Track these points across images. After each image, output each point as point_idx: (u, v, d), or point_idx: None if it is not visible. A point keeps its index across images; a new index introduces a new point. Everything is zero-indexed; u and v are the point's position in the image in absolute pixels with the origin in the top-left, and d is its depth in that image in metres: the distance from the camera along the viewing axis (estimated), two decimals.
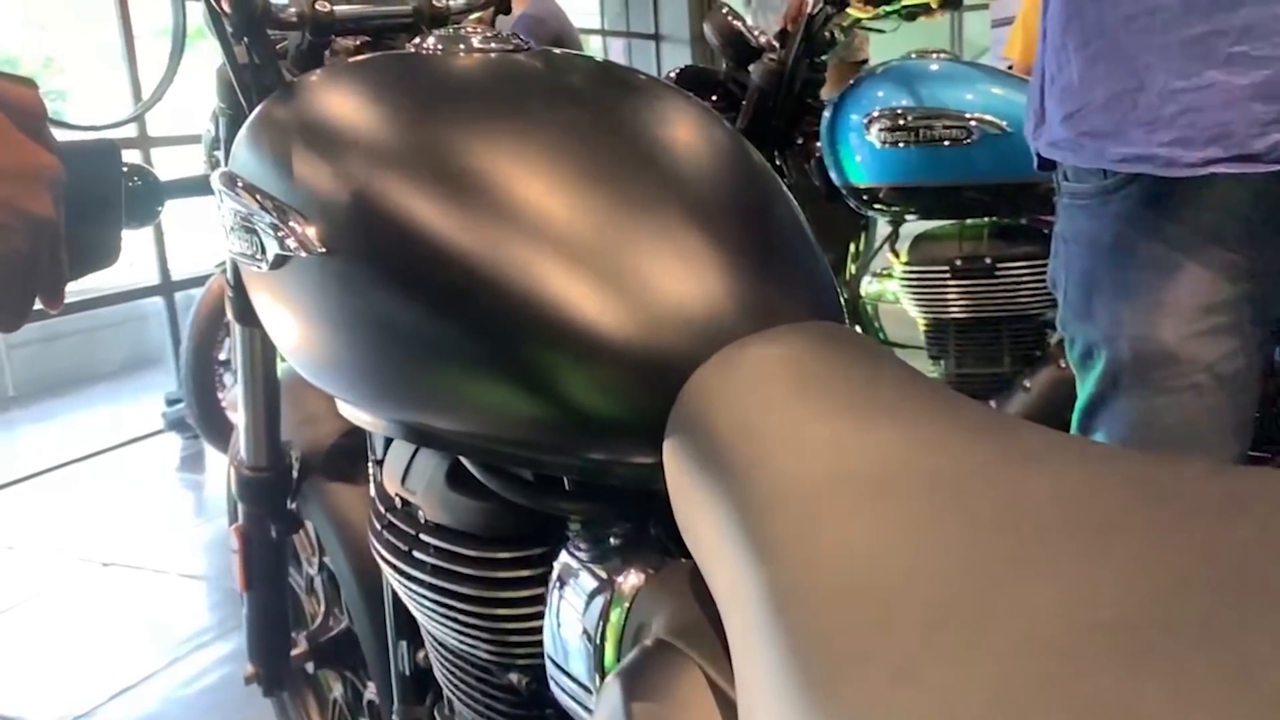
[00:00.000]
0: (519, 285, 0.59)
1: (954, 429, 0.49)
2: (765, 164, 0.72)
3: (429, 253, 0.61)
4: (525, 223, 0.61)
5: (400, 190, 0.63)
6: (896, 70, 1.73)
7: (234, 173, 0.75)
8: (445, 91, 0.71)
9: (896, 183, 1.69)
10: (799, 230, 0.67)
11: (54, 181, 0.54)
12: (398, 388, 0.67)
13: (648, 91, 0.77)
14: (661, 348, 0.57)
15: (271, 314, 0.75)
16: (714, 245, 0.61)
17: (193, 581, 2.72)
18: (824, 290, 0.64)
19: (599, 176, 0.64)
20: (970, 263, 1.68)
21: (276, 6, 0.88)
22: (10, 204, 0.52)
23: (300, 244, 0.66)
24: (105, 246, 0.64)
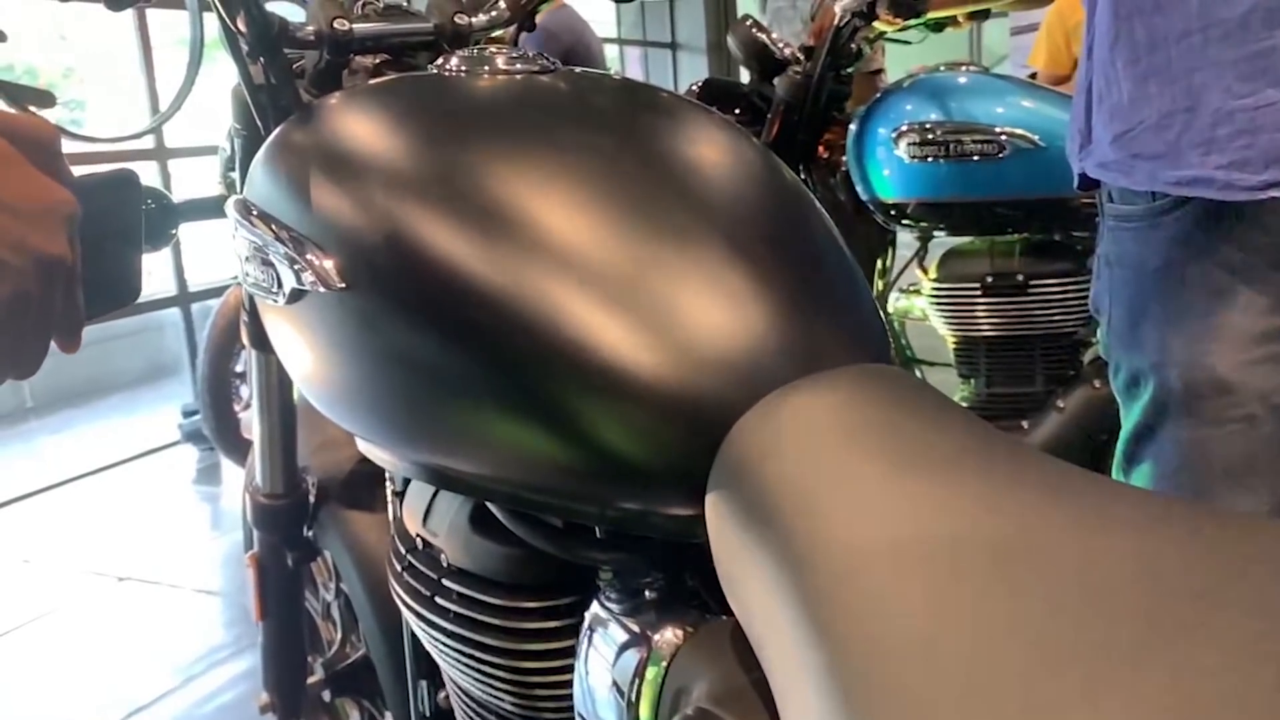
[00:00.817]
0: (549, 323, 0.56)
1: (1022, 484, 0.45)
2: (805, 190, 0.69)
3: (454, 289, 0.58)
4: (556, 256, 0.58)
5: (424, 222, 0.60)
6: (925, 84, 1.69)
7: (249, 200, 0.72)
8: (470, 117, 0.68)
9: (925, 198, 1.65)
10: (844, 263, 0.64)
11: (69, 219, 0.51)
12: (419, 428, 0.63)
13: (680, 113, 0.73)
14: (702, 392, 0.54)
15: (287, 347, 0.72)
16: (756, 281, 0.57)
17: (208, 597, 2.70)
18: (872, 329, 0.60)
19: (633, 206, 0.61)
20: (1002, 279, 1.64)
21: (293, 25, 0.86)
22: (22, 244, 0.48)
23: (318, 278, 0.62)
24: (125, 283, 0.61)
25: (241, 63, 0.86)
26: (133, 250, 0.61)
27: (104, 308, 0.60)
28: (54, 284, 0.51)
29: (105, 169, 0.61)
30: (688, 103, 0.77)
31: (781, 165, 0.71)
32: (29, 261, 0.49)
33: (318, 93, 0.89)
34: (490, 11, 0.96)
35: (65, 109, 11.28)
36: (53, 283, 0.51)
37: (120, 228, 0.60)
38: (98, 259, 0.58)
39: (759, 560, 0.46)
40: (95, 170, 0.61)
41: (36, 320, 0.51)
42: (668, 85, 8.00)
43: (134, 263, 0.62)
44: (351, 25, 0.85)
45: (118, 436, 4.18)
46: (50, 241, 0.50)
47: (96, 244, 0.58)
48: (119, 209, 0.60)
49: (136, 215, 0.62)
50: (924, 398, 0.53)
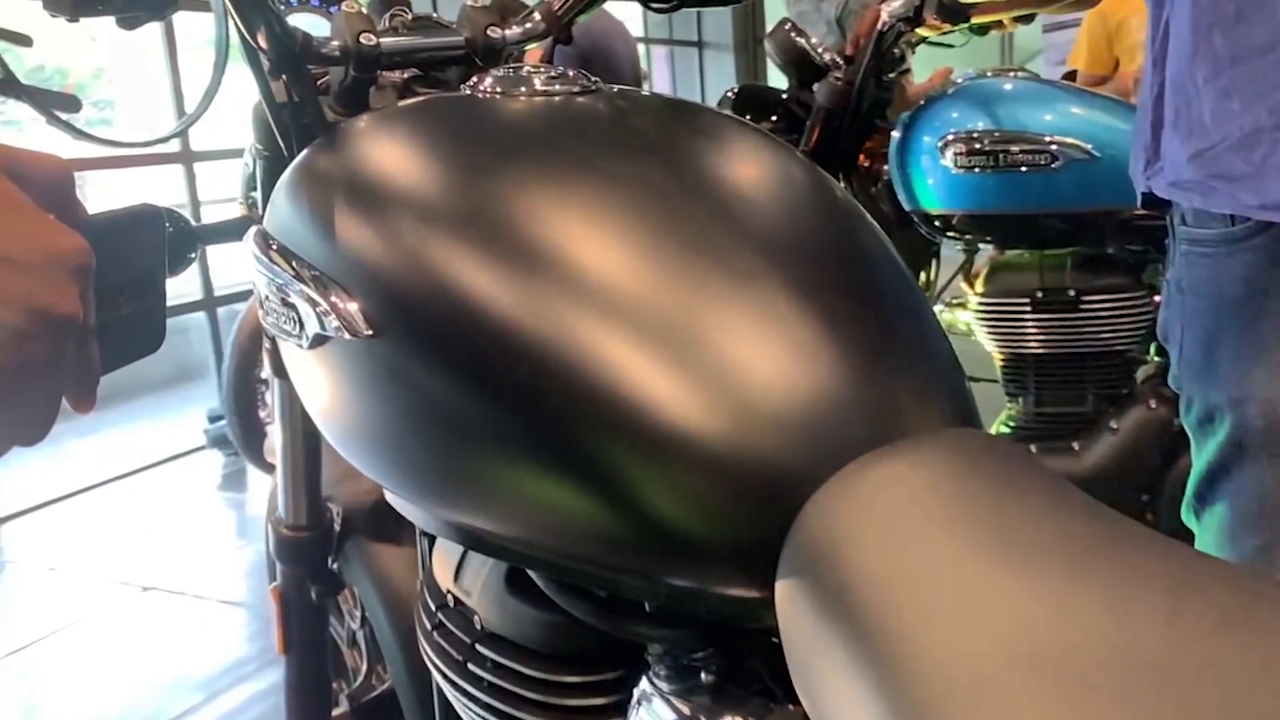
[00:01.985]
0: (596, 376, 0.50)
1: (1150, 577, 0.39)
2: (871, 222, 0.63)
3: (492, 337, 0.53)
4: (604, 302, 0.52)
5: (459, 264, 0.55)
6: (971, 90, 1.63)
7: (269, 233, 0.67)
8: (507, 145, 0.63)
9: (972, 209, 1.59)
10: (920, 308, 0.58)
11: (81, 270, 0.46)
12: (449, 485, 0.58)
13: (732, 136, 0.68)
14: (770, 460, 0.48)
15: (310, 391, 0.67)
16: (827, 329, 0.52)
17: (232, 609, 2.67)
18: (957, 387, 0.55)
19: (687, 245, 0.55)
20: (1052, 294, 1.57)
21: (317, 40, 0.81)
22: (28, 303, 0.43)
23: (343, 324, 0.57)
24: (146, 332, 0.56)
25: (263, 80, 0.81)
26: (155, 294, 0.56)
27: (123, 359, 0.55)
28: (64, 344, 0.46)
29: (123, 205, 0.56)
30: (738, 124, 0.71)
31: (852, 202, 0.66)
32: (35, 322, 0.44)
33: (343, 110, 0.84)
34: (524, 23, 0.91)
35: (95, 109, 11.36)
36: (62, 342, 0.46)
37: (143, 269, 0.55)
38: (115, 306, 0.53)
39: (840, 658, 0.41)
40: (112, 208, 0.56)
41: (44, 384, 0.46)
42: (694, 84, 7.93)
43: (157, 308, 0.56)
44: (379, 40, 0.80)
45: (144, 440, 4.17)
46: (60, 297, 0.44)
47: (114, 290, 0.53)
48: (140, 250, 0.55)
49: (159, 255, 0.57)
50: (1024, 469, 0.47)
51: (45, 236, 0.45)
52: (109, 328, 0.52)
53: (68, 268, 0.45)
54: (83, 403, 0.50)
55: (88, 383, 0.50)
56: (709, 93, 8.00)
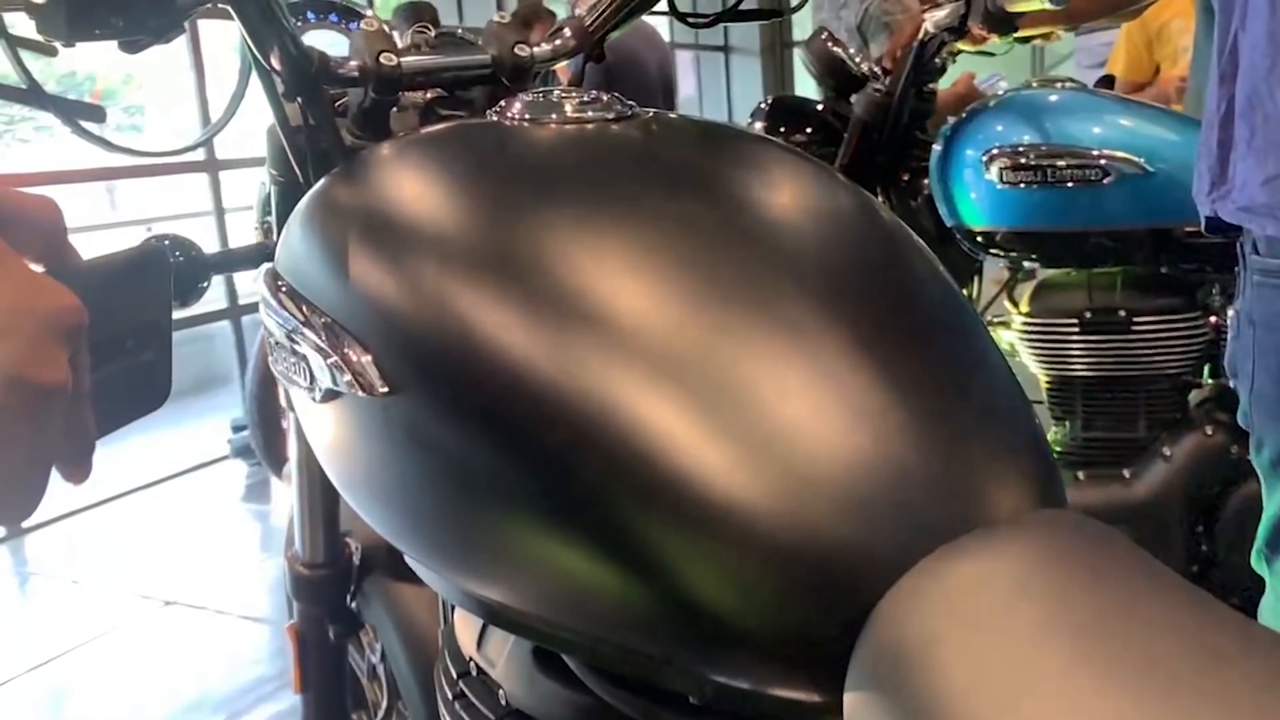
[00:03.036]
0: (638, 443, 0.45)
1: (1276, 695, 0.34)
2: (940, 266, 0.57)
3: (524, 398, 0.48)
4: (647, 361, 0.47)
5: (486, 315, 0.49)
6: (1017, 101, 1.56)
7: (279, 273, 0.62)
8: (538, 181, 0.57)
9: (1017, 226, 1.52)
10: (999, 368, 0.52)
11: (71, 332, 0.41)
12: (473, 556, 0.53)
13: (783, 168, 0.62)
14: (838, 548, 0.42)
15: (321, 444, 0.62)
16: (899, 396, 0.46)
17: (255, 625, 2.64)
18: (1042, 459, 0.49)
19: (740, 294, 0.50)
20: (1102, 315, 1.50)
21: (335, 60, 0.76)
22: (8, 372, 0.38)
23: (356, 380, 0.52)
24: (150, 386, 0.51)
25: (276, 103, 0.76)
26: (159, 344, 0.51)
27: (123, 419, 0.50)
28: (50, 415, 0.41)
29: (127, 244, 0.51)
30: (786, 151, 0.66)
31: (906, 231, 0.60)
32: (16, 394, 0.39)
33: (362, 134, 0.80)
34: (554, 40, 0.85)
35: (125, 114, 11.44)
36: (49, 414, 0.41)
37: (144, 319, 0.50)
38: (115, 360, 0.48)
39: None
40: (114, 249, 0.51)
41: (27, 459, 0.41)
42: (720, 90, 7.86)
43: (161, 359, 0.51)
44: (400, 60, 0.75)
45: (167, 449, 4.16)
46: (45, 365, 0.40)
47: (114, 343, 0.48)
48: (143, 296, 0.50)
49: (164, 301, 0.51)
50: (1126, 559, 0.41)
51: (30, 295, 0.40)
52: (107, 384, 0.47)
53: (56, 330, 0.40)
54: (76, 473, 0.46)
55: (81, 452, 0.45)
56: (735, 98, 7.94)
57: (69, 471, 0.45)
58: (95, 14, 0.56)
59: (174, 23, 0.63)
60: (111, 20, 0.57)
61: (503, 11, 0.91)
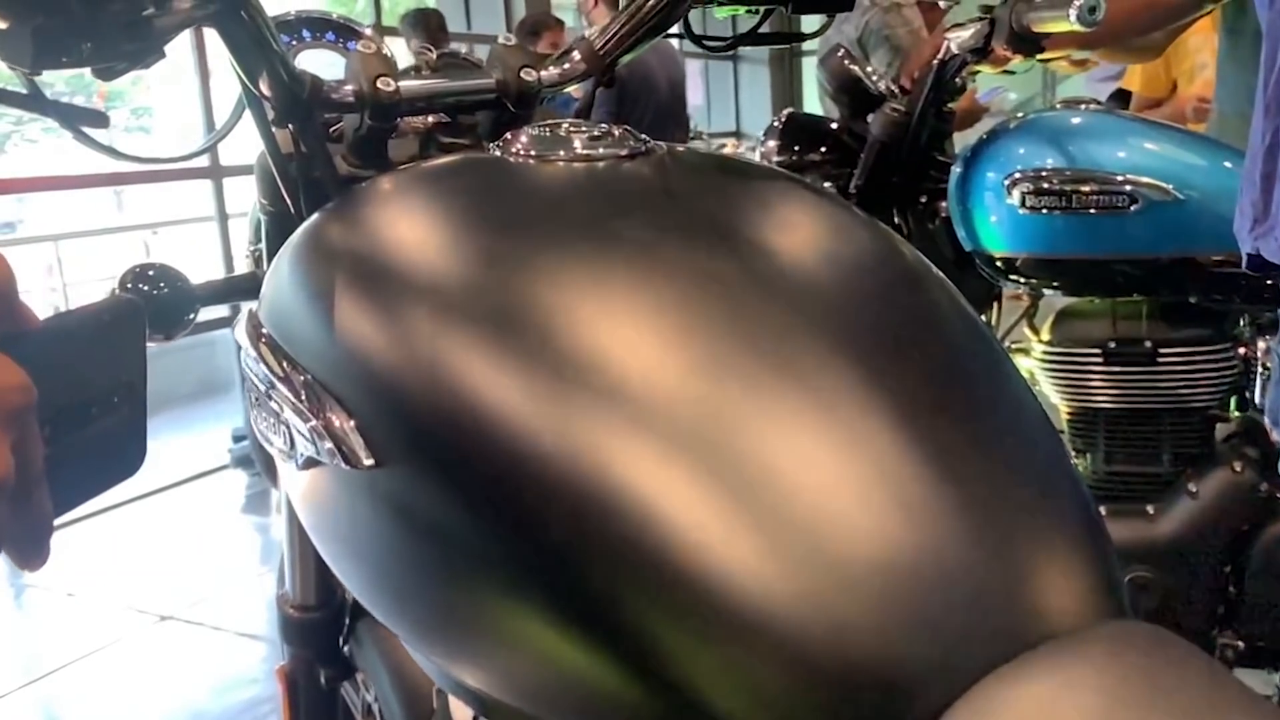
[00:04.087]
0: (652, 532, 0.40)
1: None
2: (987, 329, 0.52)
3: (525, 477, 0.43)
4: (662, 439, 0.42)
5: (485, 385, 0.45)
6: (1040, 124, 1.51)
7: (261, 322, 0.57)
8: (545, 229, 0.52)
9: (1038, 253, 1.47)
10: (1055, 449, 0.47)
11: (16, 415, 0.37)
12: (466, 645, 0.48)
13: (812, 211, 0.57)
14: (880, 666, 0.38)
15: (303, 509, 0.57)
16: (946, 485, 0.41)
17: (251, 642, 2.59)
18: (1104, 559, 0.44)
19: (766, 361, 0.45)
20: (1126, 346, 1.45)
21: (328, 84, 0.71)
22: None
23: (339, 452, 0.47)
24: (123, 452, 0.46)
25: (266, 130, 0.71)
26: (133, 406, 0.46)
27: (91, 491, 0.45)
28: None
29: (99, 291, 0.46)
30: (813, 193, 0.61)
31: (949, 287, 0.55)
32: None
33: (358, 162, 0.75)
34: (562, 65, 0.81)
35: (133, 116, 11.38)
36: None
37: (115, 380, 0.45)
38: (82, 427, 0.43)
39: None
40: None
41: None
42: (728, 97, 7.82)
43: (136, 422, 0.47)
44: (398, 85, 0.71)
45: (167, 457, 4.11)
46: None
47: (80, 410, 0.43)
48: (115, 355, 0.45)
49: (138, 358, 0.47)
50: (1202, 675, 0.36)
51: None
52: (71, 455, 0.43)
53: (1, 415, 0.36)
54: (31, 562, 0.41)
55: (35, 539, 0.40)
56: (743, 106, 7.89)
57: (22, 559, 0.41)
58: (62, 42, 0.51)
59: (153, 47, 0.59)
60: (80, 47, 0.52)
61: (509, 34, 0.87)
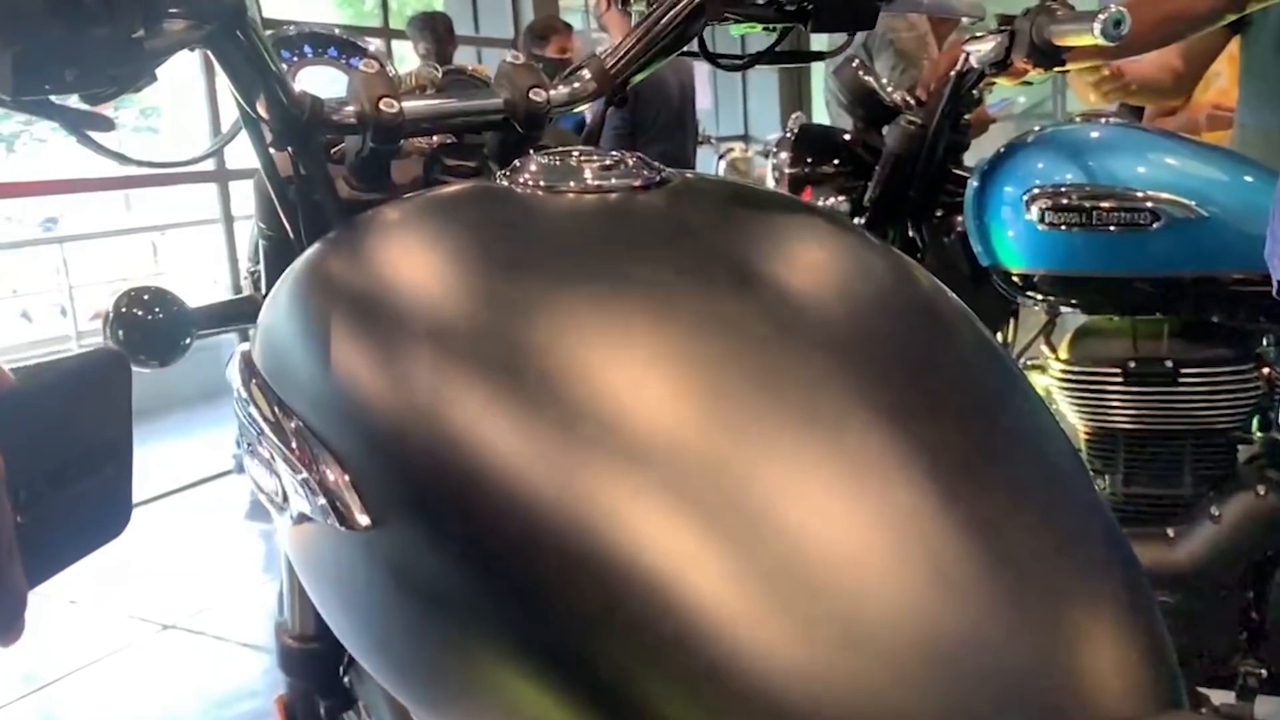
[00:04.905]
0: (667, 608, 0.38)
1: None
2: (1029, 384, 0.49)
3: (533, 546, 0.40)
4: (682, 504, 0.39)
5: (490, 441, 0.42)
6: (1058, 138, 1.48)
7: (254, 362, 0.54)
8: (554, 267, 0.50)
9: (1056, 270, 1.43)
10: (1106, 522, 0.44)
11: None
12: (461, 708, 0.45)
13: (834, 246, 0.54)
14: None
15: (295, 558, 0.54)
16: (989, 555, 0.38)
17: (253, 653, 2.56)
18: (1158, 642, 0.41)
19: (791, 416, 0.42)
20: (1147, 365, 1.42)
21: (329, 105, 0.68)
22: None
23: (332, 507, 0.44)
24: (106, 514, 0.43)
25: (264, 153, 0.69)
26: (118, 463, 0.43)
27: (73, 555, 0.42)
28: None
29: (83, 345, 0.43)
30: (842, 228, 0.58)
31: (978, 324, 0.52)
32: None
33: (360, 185, 0.72)
34: (572, 84, 0.78)
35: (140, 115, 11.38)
36: None
37: (98, 437, 0.42)
38: (64, 488, 0.41)
39: None
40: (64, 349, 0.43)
41: None
42: (736, 104, 7.77)
43: (120, 480, 0.44)
44: (402, 105, 0.68)
45: (171, 462, 4.10)
46: None
47: (61, 472, 0.41)
48: (99, 410, 0.42)
49: (123, 412, 0.44)
50: None
51: None
52: (50, 519, 0.40)
53: None
54: (4, 636, 0.38)
55: (9, 612, 0.37)
56: (751, 109, 7.86)
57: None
58: (44, 68, 0.48)
59: (143, 70, 0.56)
60: (64, 74, 0.49)
61: (517, 52, 0.84)
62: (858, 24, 0.75)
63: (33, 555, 0.38)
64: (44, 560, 0.39)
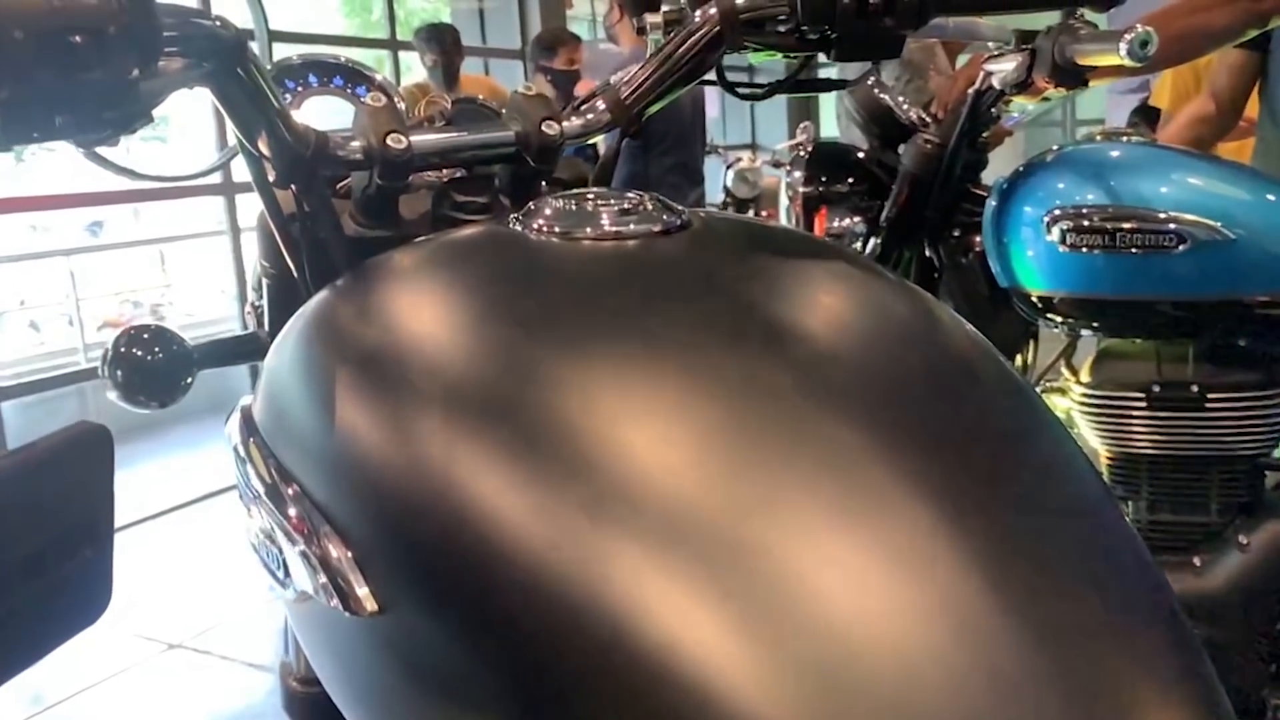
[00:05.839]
0: (701, 702, 0.35)
1: None
2: (1082, 453, 0.46)
3: (554, 634, 0.37)
4: (715, 589, 0.37)
5: (506, 520, 0.39)
6: (1080, 156, 1.44)
7: (254, 419, 0.52)
8: (572, 326, 0.47)
9: (1078, 292, 1.40)
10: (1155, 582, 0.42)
11: None
12: None
13: (874, 297, 0.52)
14: None
15: (297, 629, 0.51)
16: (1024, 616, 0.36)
17: (260, 674, 2.54)
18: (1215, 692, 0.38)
19: (826, 489, 0.39)
20: (1173, 390, 1.38)
21: (334, 139, 0.66)
22: None
23: (335, 586, 0.42)
24: (84, 601, 0.40)
25: (266, 190, 0.66)
26: (97, 544, 0.41)
27: (46, 647, 0.40)
28: None
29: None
30: (868, 270, 0.55)
31: (1012, 371, 0.49)
32: None
33: (367, 222, 0.70)
34: (586, 115, 0.75)
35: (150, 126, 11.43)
36: None
37: (75, 519, 0.40)
38: (36, 578, 0.38)
39: None
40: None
41: None
42: (744, 118, 7.74)
43: (99, 567, 0.41)
44: (410, 140, 0.65)
45: (179, 474, 4.09)
46: None
47: (33, 561, 0.38)
48: (79, 490, 0.40)
49: (105, 491, 0.41)
50: None
51: None
52: (24, 608, 0.37)
53: None
54: None
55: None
56: (758, 118, 7.84)
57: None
58: (31, 117, 0.46)
59: (140, 112, 0.53)
60: (53, 120, 0.47)
61: (529, 84, 0.81)
62: (882, 52, 0.72)
63: (5, 647, 0.35)
64: (17, 654, 0.36)
